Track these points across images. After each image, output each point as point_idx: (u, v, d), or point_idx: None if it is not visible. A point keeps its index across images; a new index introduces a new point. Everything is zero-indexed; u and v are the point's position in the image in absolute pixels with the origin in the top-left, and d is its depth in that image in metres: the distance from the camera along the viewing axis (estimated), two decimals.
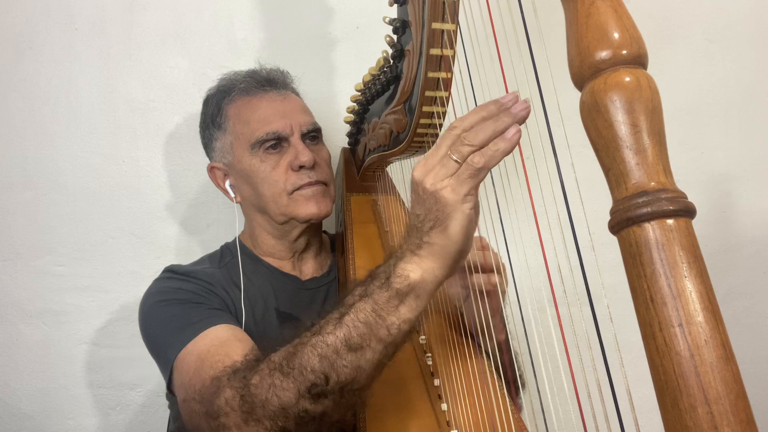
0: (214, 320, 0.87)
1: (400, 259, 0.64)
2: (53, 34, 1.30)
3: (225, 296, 0.97)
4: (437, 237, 0.62)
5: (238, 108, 1.03)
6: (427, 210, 0.62)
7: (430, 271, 0.63)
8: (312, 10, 1.40)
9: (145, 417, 1.32)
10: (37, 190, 1.30)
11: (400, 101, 0.80)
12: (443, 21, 0.66)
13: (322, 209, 1.02)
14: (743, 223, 1.63)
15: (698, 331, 0.36)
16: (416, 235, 0.64)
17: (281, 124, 1.01)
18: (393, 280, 0.63)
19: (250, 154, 1.01)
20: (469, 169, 0.60)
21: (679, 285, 0.37)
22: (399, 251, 0.65)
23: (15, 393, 1.29)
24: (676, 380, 0.36)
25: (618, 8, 0.42)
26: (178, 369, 0.84)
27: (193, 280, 0.96)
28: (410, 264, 0.63)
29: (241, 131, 1.02)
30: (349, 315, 0.65)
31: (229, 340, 0.83)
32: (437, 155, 0.62)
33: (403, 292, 0.63)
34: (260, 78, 1.06)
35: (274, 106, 1.03)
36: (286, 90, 1.08)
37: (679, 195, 0.39)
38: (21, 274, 1.29)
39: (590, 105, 0.42)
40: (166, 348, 0.87)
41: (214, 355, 0.79)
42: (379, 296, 0.64)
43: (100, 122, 1.31)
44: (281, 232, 1.06)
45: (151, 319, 0.93)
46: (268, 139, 1.00)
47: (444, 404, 0.75)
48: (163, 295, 0.94)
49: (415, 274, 0.63)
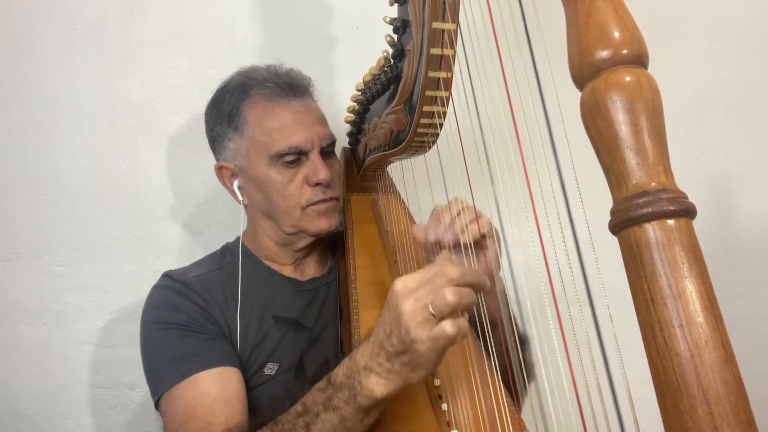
0: (207, 360, 0.90)
1: (367, 377, 0.65)
2: (53, 34, 1.29)
3: (219, 315, 0.97)
4: (404, 369, 0.64)
5: (259, 113, 1.00)
6: (395, 333, 0.63)
7: (396, 388, 0.65)
8: (312, 10, 1.40)
9: (145, 417, 1.32)
10: (37, 190, 1.29)
11: (401, 101, 0.80)
12: (444, 20, 0.66)
13: (332, 225, 1.03)
14: (743, 223, 1.63)
15: (698, 332, 0.36)
16: (383, 355, 0.64)
17: (303, 137, 0.98)
18: (359, 399, 0.65)
19: (267, 164, 0.99)
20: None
21: (680, 285, 0.37)
22: (363, 360, 0.66)
23: (15, 393, 1.29)
24: (676, 381, 0.36)
25: (618, 8, 0.42)
26: (164, 407, 0.89)
27: (191, 295, 0.97)
28: (378, 386, 0.65)
29: (261, 139, 0.99)
30: (316, 426, 0.68)
31: (216, 401, 0.86)
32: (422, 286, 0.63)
33: (369, 406, 0.66)
34: (283, 83, 1.01)
35: (296, 117, 0.99)
36: (306, 97, 1.05)
37: (679, 195, 0.39)
38: (21, 274, 1.29)
39: (591, 104, 0.42)
40: (157, 379, 0.91)
41: (198, 419, 0.84)
42: (346, 410, 0.66)
43: (100, 122, 1.31)
44: (287, 242, 1.06)
45: (149, 340, 0.95)
46: (290, 153, 0.98)
47: (444, 404, 0.75)
48: (162, 313, 0.95)
49: (381, 392, 0.65)
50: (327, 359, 1.01)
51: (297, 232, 1.03)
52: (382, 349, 0.64)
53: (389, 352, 0.63)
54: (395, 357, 0.63)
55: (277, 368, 0.97)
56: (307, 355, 1.00)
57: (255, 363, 0.97)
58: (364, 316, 0.89)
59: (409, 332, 0.61)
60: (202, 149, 1.33)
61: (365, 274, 0.98)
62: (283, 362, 0.98)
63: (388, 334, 0.63)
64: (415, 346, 0.61)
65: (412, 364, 0.63)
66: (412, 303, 0.62)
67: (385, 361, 0.64)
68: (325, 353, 1.01)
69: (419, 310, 0.61)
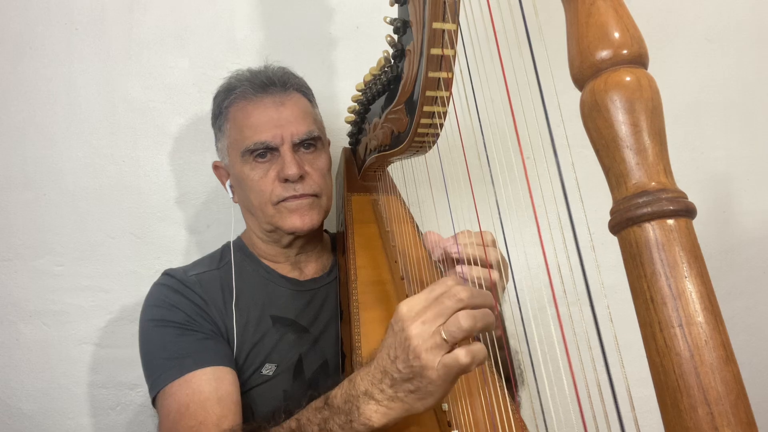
0: (202, 359, 0.90)
1: (366, 403, 0.62)
2: (53, 34, 1.30)
3: (217, 315, 0.97)
4: (409, 397, 0.60)
5: (235, 112, 1.02)
6: (401, 359, 0.60)
7: (396, 417, 0.62)
8: (312, 10, 1.40)
9: (145, 417, 1.32)
10: (37, 190, 1.30)
11: (401, 101, 0.80)
12: (444, 21, 0.66)
13: (306, 222, 1.00)
14: (743, 223, 1.63)
15: (698, 332, 0.36)
16: (386, 381, 0.61)
17: (271, 134, 0.98)
18: (356, 425, 0.63)
19: (241, 161, 1.00)
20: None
21: (680, 285, 0.37)
22: (363, 385, 0.63)
23: (15, 393, 1.29)
24: (676, 381, 0.36)
25: (618, 8, 0.42)
26: (160, 405, 0.89)
27: (189, 294, 0.97)
28: (376, 414, 0.62)
29: (235, 137, 1.01)
30: None
31: (209, 400, 0.86)
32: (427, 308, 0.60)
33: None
34: (259, 81, 1.02)
35: (267, 113, 0.99)
36: (285, 93, 1.02)
37: (679, 195, 0.39)
38: (21, 274, 1.29)
39: (590, 105, 0.42)
40: (155, 376, 0.91)
41: (190, 417, 0.84)
42: None
43: (100, 122, 1.31)
44: (271, 239, 1.07)
45: (146, 337, 0.96)
46: (257, 149, 0.99)
47: (445, 404, 0.75)
48: (160, 311, 0.96)
49: (379, 420, 0.62)
50: (326, 360, 1.01)
51: (275, 229, 1.03)
52: (386, 375, 0.61)
53: (394, 379, 0.60)
54: (400, 384, 0.60)
55: (275, 369, 0.97)
56: (305, 356, 1.00)
57: (253, 363, 0.97)
58: (365, 316, 0.89)
59: (419, 357, 0.58)
60: (202, 149, 1.33)
61: (366, 274, 0.99)
62: (281, 363, 0.98)
63: (393, 359, 0.60)
64: (426, 373, 0.58)
65: (419, 393, 0.60)
66: (420, 326, 0.58)
67: (388, 387, 0.61)
68: (324, 354, 1.01)
69: (429, 335, 0.58)
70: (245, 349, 0.97)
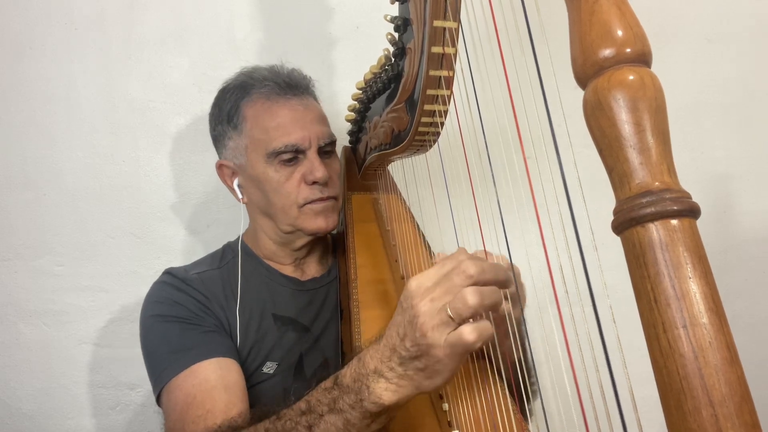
0: (206, 350, 0.89)
1: (376, 381, 0.61)
2: (53, 34, 1.29)
3: (219, 311, 0.97)
4: (418, 375, 0.60)
5: (257, 112, 1.00)
6: (409, 336, 0.59)
7: (406, 395, 0.61)
8: (312, 10, 1.40)
9: (145, 417, 1.32)
10: (37, 190, 1.29)
11: (402, 99, 0.80)
12: (445, 19, 0.65)
13: (330, 224, 1.02)
14: (743, 223, 1.63)
15: (702, 333, 0.36)
16: (395, 359, 0.60)
17: (300, 136, 0.98)
18: (366, 404, 0.62)
19: (264, 162, 0.99)
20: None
21: (683, 286, 0.37)
22: (373, 363, 0.62)
23: (15, 393, 1.29)
24: (680, 382, 0.36)
25: (622, 6, 0.42)
26: (165, 400, 0.88)
27: (191, 291, 0.97)
28: (387, 392, 0.61)
29: (259, 137, 0.99)
30: (319, 427, 0.64)
31: (215, 388, 0.85)
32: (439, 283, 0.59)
33: (376, 413, 0.62)
34: (282, 82, 1.01)
35: (294, 115, 0.99)
36: (307, 96, 1.04)
37: (683, 195, 0.39)
38: (21, 274, 1.29)
39: (593, 104, 0.42)
40: (159, 371, 0.90)
41: (198, 406, 0.82)
42: (351, 415, 0.63)
43: (100, 122, 1.31)
44: (285, 240, 1.06)
45: (149, 333, 0.95)
46: (286, 151, 0.97)
47: (445, 404, 0.75)
48: (162, 307, 0.95)
49: (389, 398, 0.61)
50: (326, 359, 1.01)
51: (294, 231, 1.03)
52: (395, 352, 0.60)
53: (402, 357, 0.60)
54: (409, 362, 0.60)
55: (276, 367, 0.97)
56: (306, 355, 1.00)
57: (254, 361, 0.96)
58: (365, 315, 0.89)
59: (425, 335, 0.57)
60: (202, 149, 1.33)
61: (366, 273, 0.98)
62: (282, 361, 0.98)
63: (401, 337, 0.60)
64: (432, 351, 0.57)
65: (427, 371, 0.59)
66: (428, 304, 0.58)
67: (397, 365, 0.60)
68: (324, 353, 1.01)
69: (436, 312, 0.57)
70: (247, 346, 0.97)
